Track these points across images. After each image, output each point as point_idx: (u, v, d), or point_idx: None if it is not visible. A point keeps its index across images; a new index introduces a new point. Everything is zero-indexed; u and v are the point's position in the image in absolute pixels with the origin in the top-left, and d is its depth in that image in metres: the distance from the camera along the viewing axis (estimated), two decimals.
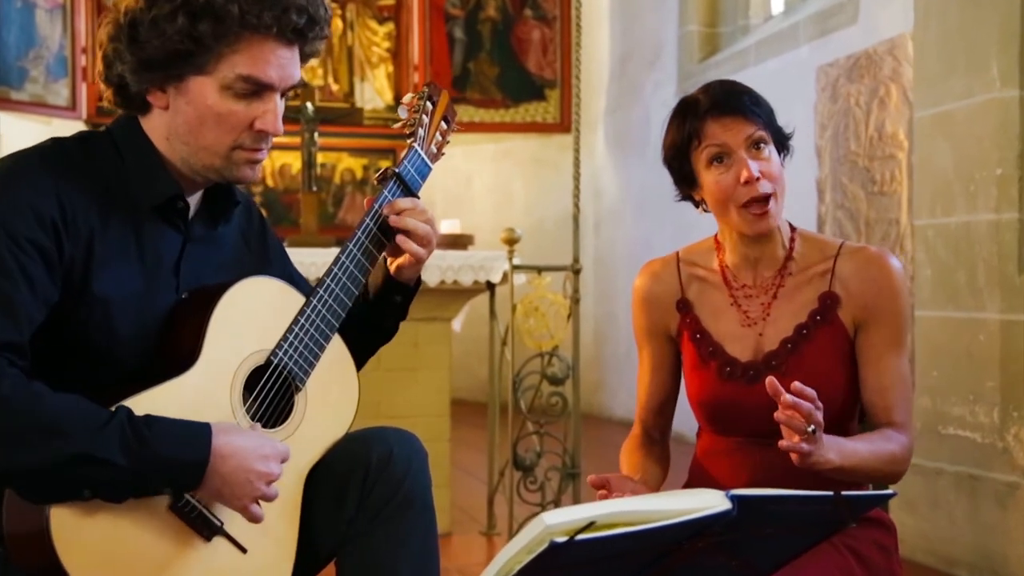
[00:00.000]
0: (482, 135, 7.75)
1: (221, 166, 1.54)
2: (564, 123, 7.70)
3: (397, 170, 1.70)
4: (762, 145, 1.73)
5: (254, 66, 1.49)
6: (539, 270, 3.13)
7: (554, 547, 1.06)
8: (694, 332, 1.83)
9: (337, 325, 1.62)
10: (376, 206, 1.67)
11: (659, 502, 1.15)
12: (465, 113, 7.66)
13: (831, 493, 1.20)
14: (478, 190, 8.14)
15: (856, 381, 1.79)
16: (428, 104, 1.80)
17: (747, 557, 1.31)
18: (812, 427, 1.48)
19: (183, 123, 1.51)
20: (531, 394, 3.19)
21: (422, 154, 1.75)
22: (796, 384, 1.48)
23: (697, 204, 1.83)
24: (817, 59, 5.14)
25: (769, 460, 1.76)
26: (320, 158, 7.31)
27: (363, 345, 1.75)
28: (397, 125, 1.80)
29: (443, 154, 1.85)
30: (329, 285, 1.61)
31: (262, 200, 7.34)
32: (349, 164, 7.54)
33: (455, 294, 3.82)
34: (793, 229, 1.83)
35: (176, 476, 1.40)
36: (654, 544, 1.16)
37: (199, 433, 1.42)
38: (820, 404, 1.49)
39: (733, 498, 1.17)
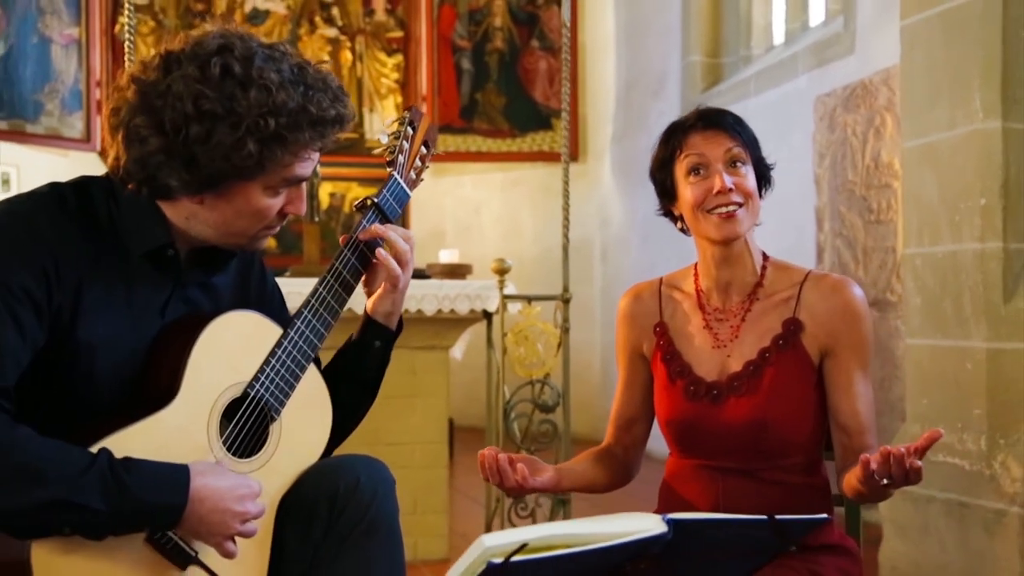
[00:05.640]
0: (491, 164, 7.85)
1: (244, 244, 1.62)
2: (571, 152, 7.78)
3: (376, 199, 1.75)
4: (739, 164, 1.81)
5: (301, 169, 1.57)
6: (529, 299, 3.19)
7: (491, 568, 1.12)
8: (666, 353, 1.89)
9: (313, 355, 1.68)
10: (353, 235, 1.72)
11: (597, 525, 1.21)
12: (473, 143, 7.75)
13: (765, 517, 1.25)
14: (487, 219, 8.22)
15: (819, 409, 1.84)
16: (409, 129, 1.84)
17: None
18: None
19: (217, 217, 1.56)
20: (524, 421, 3.24)
21: (401, 182, 1.79)
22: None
23: (676, 220, 1.91)
24: (815, 89, 5.20)
25: (732, 487, 1.81)
26: (330, 188, 7.44)
27: (350, 402, 1.77)
28: (378, 151, 1.84)
29: (422, 179, 1.89)
30: (306, 316, 1.66)
31: None
32: (358, 193, 7.64)
33: (452, 323, 3.89)
34: (766, 258, 1.91)
35: (155, 519, 1.46)
36: (593, 566, 1.22)
37: (177, 477, 1.47)
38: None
39: (669, 521, 1.22)
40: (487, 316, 3.80)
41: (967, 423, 3.26)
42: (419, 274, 4.02)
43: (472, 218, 8.12)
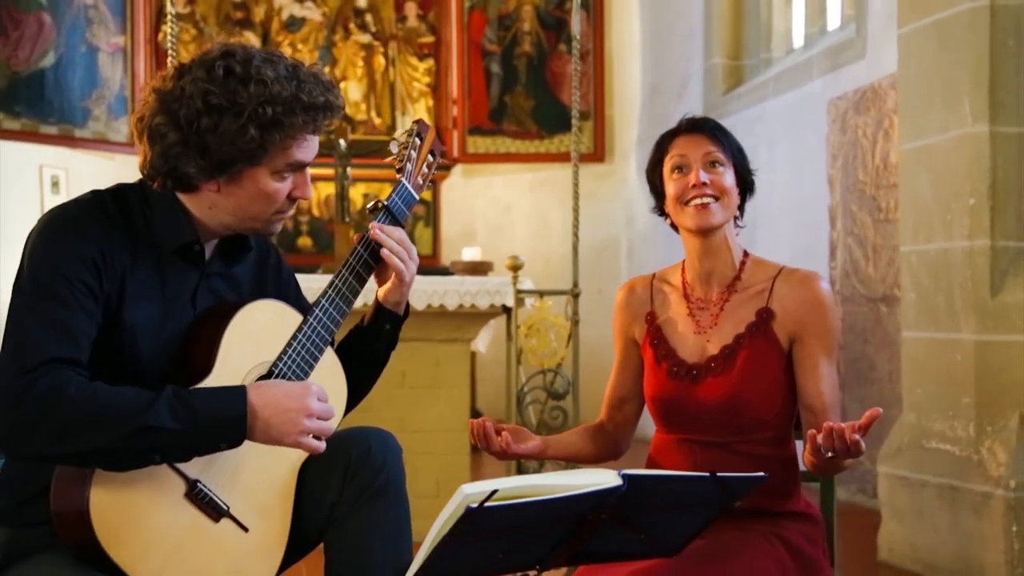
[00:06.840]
0: (520, 165, 8.07)
1: (260, 227, 1.85)
2: (598, 153, 7.99)
3: (386, 203, 1.99)
4: (717, 165, 2.03)
5: (300, 153, 1.80)
6: (541, 294, 3.41)
7: (469, 512, 1.33)
8: (654, 338, 2.11)
9: (330, 339, 1.91)
10: (365, 234, 1.95)
11: (562, 478, 1.42)
12: (502, 144, 7.98)
13: (708, 474, 1.45)
14: (517, 218, 8.43)
15: (788, 390, 2.04)
16: (416, 140, 2.08)
17: (652, 530, 1.56)
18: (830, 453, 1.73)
19: (233, 202, 1.80)
20: (537, 408, 3.46)
21: (409, 187, 2.03)
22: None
23: (667, 217, 2.12)
24: (829, 92, 5.37)
25: (709, 458, 2.02)
26: (363, 188, 7.69)
27: (362, 376, 2.00)
28: (388, 160, 2.08)
29: (429, 184, 2.13)
30: (323, 304, 1.89)
31: (308, 228, 7.73)
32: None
33: (473, 317, 4.10)
34: (747, 254, 2.11)
35: (224, 429, 1.68)
36: (558, 514, 1.43)
37: (235, 392, 1.70)
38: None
39: (624, 476, 1.43)
40: (506, 311, 4.01)
41: (957, 411, 3.43)
42: (442, 271, 4.25)
43: (502, 217, 8.34)
